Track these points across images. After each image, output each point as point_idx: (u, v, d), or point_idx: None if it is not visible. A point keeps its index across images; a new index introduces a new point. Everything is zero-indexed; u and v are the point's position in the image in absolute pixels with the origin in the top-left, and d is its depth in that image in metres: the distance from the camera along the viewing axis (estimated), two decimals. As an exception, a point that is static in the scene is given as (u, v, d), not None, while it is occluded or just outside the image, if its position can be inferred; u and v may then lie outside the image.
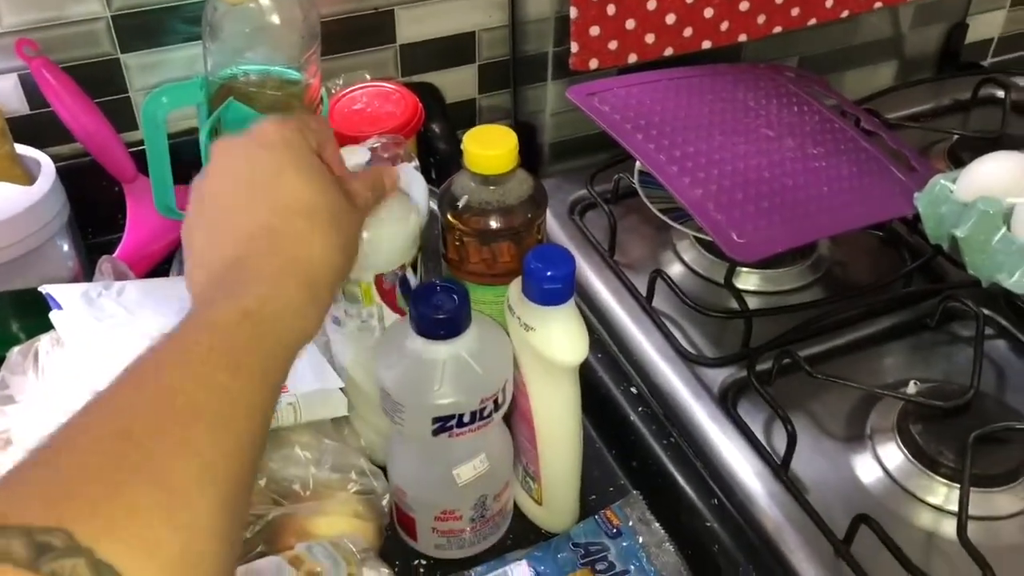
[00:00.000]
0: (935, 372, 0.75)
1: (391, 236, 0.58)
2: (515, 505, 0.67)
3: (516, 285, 0.58)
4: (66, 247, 0.81)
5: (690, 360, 0.75)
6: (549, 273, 0.54)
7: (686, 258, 0.85)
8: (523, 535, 0.66)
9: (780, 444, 0.67)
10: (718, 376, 0.74)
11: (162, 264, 0.85)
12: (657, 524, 0.64)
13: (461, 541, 0.63)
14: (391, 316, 0.61)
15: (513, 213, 0.60)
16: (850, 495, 0.66)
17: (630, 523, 0.64)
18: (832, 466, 0.68)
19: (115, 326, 0.61)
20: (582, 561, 0.62)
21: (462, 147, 0.60)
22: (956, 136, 0.96)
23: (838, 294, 0.81)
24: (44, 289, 0.64)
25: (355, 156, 0.58)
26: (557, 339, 0.56)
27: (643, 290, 0.80)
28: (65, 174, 0.81)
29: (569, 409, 0.60)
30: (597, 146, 0.90)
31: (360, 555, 0.58)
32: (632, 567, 0.61)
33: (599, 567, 0.61)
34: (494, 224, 0.60)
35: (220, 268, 0.47)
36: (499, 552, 0.64)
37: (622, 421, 0.72)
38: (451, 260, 0.63)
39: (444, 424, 0.57)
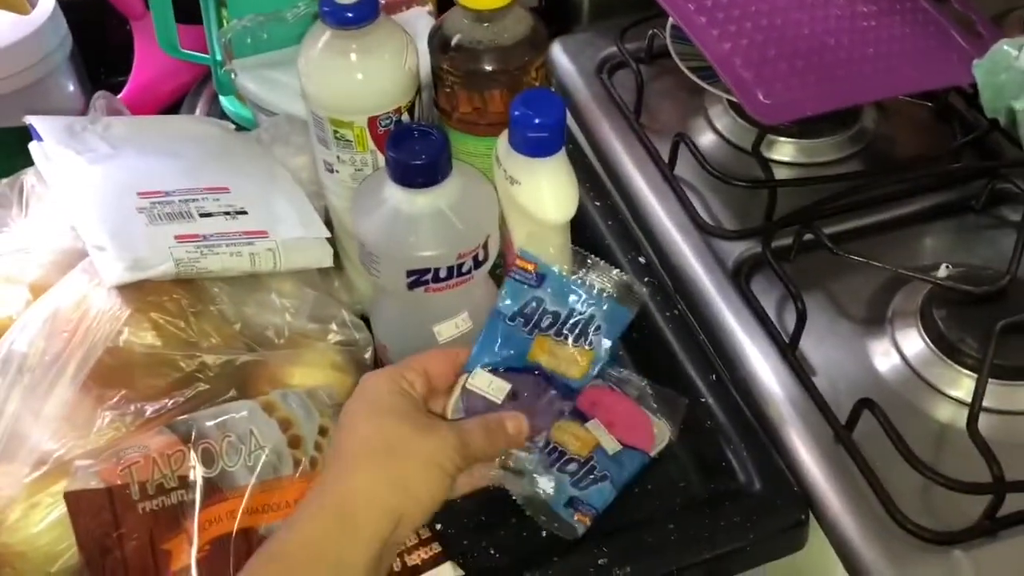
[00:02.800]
0: (974, 259, 0.69)
1: (384, 75, 0.54)
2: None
3: (505, 136, 0.53)
4: (71, 86, 0.79)
5: (706, 231, 0.70)
6: (536, 120, 0.50)
7: (718, 125, 0.79)
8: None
9: (791, 323, 0.62)
10: (735, 249, 0.69)
11: (172, 107, 0.83)
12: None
13: (444, 400, 0.61)
14: (385, 164, 0.58)
15: (507, 54, 0.55)
16: (862, 382, 0.62)
17: (542, 259, 0.55)
18: (846, 350, 0.64)
19: (95, 160, 0.59)
20: (528, 330, 0.55)
21: (453, -21, 0.55)
22: (1038, 2, 0.86)
23: (877, 169, 0.74)
24: (28, 119, 0.62)
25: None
26: (544, 194, 0.52)
27: (666, 156, 0.75)
28: (72, 10, 0.78)
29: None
30: (644, 5, 0.83)
31: (334, 408, 0.57)
32: (575, 305, 0.55)
33: (544, 325, 0.54)
34: (486, 66, 0.55)
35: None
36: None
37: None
38: (442, 109, 0.59)
39: (419, 278, 0.54)
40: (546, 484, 0.54)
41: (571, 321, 0.55)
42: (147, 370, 0.54)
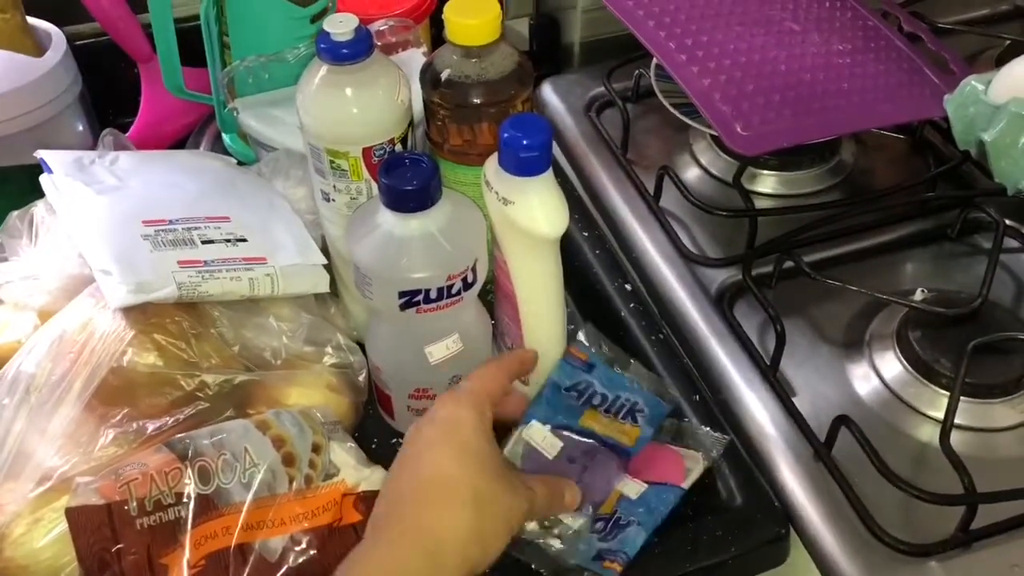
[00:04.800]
0: (950, 284, 0.71)
1: (379, 107, 0.57)
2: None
3: (493, 160, 0.56)
4: (80, 126, 0.82)
5: (690, 259, 0.73)
6: (525, 142, 0.53)
7: (702, 160, 0.82)
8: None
9: (772, 346, 0.64)
10: (717, 277, 0.72)
11: (176, 146, 0.86)
12: (612, 343, 0.63)
13: (437, 422, 0.63)
14: (379, 193, 0.60)
15: (495, 88, 0.59)
16: (841, 403, 0.64)
17: (593, 351, 0.62)
18: (826, 372, 0.66)
19: (102, 191, 0.62)
20: (581, 403, 0.60)
21: (443, 16, 0.58)
22: (1008, 42, 0.89)
23: (856, 199, 0.77)
24: (38, 154, 0.65)
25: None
26: (536, 211, 0.55)
27: (651, 189, 0.77)
28: (84, 53, 0.82)
29: (551, 284, 0.59)
30: (632, 47, 0.86)
31: (327, 427, 0.59)
32: (621, 391, 0.60)
33: (595, 402, 0.60)
34: (474, 99, 0.58)
35: (370, 530, 0.50)
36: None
37: (614, 317, 0.70)
38: (434, 141, 0.62)
39: (411, 299, 0.56)
40: (578, 546, 0.56)
41: (618, 403, 0.60)
42: (149, 389, 0.56)
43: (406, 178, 0.54)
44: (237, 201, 0.65)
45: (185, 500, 0.54)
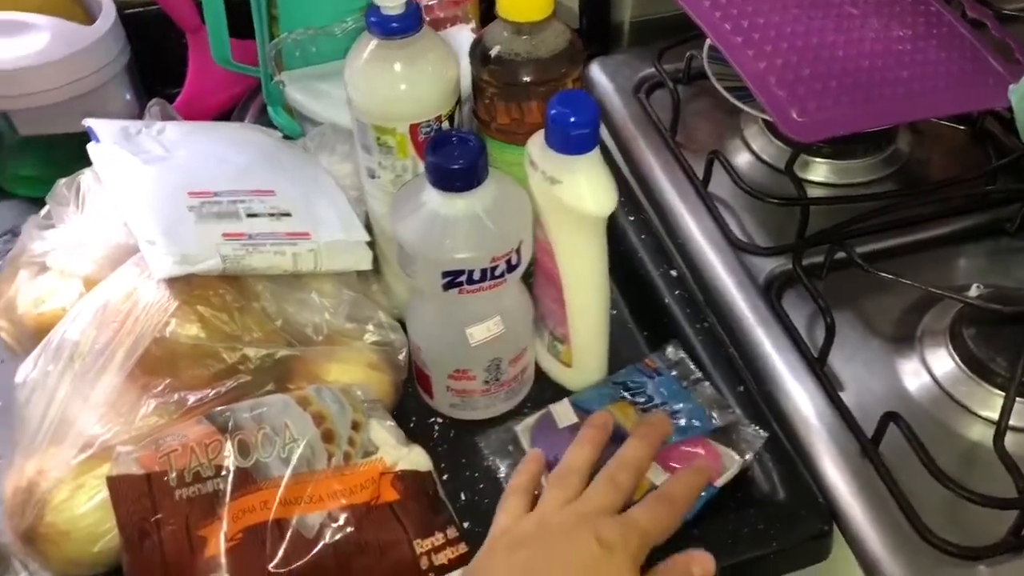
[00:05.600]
0: (1007, 281, 0.69)
1: (427, 84, 0.56)
2: (538, 374, 0.66)
3: (537, 139, 0.55)
4: (128, 96, 0.82)
5: (739, 248, 0.71)
6: (574, 119, 0.52)
7: (754, 145, 0.80)
8: (543, 404, 0.65)
9: (821, 339, 0.63)
10: (766, 266, 0.70)
11: (222, 118, 0.86)
12: (694, 366, 0.64)
13: (475, 403, 0.63)
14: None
15: (545, 66, 0.57)
16: (890, 399, 0.62)
17: (667, 366, 0.64)
18: (875, 367, 0.64)
19: (148, 161, 0.62)
20: (621, 394, 0.62)
21: (495, -8, 0.57)
22: (1078, 31, 0.86)
23: (911, 190, 0.75)
24: (86, 122, 0.65)
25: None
26: (584, 189, 0.54)
27: (701, 173, 0.76)
28: (132, 22, 0.82)
29: (597, 264, 0.58)
30: (683, 28, 0.85)
31: (367, 405, 0.58)
32: (669, 400, 0.61)
33: (638, 400, 0.61)
34: (524, 77, 0.57)
35: None
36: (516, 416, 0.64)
37: (658, 304, 0.69)
38: (482, 120, 0.61)
39: (454, 279, 0.55)
40: None
41: (663, 408, 0.61)
42: (191, 361, 0.56)
43: (453, 157, 0.53)
44: (282, 175, 0.65)
45: (224, 473, 0.54)
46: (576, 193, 0.54)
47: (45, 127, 0.79)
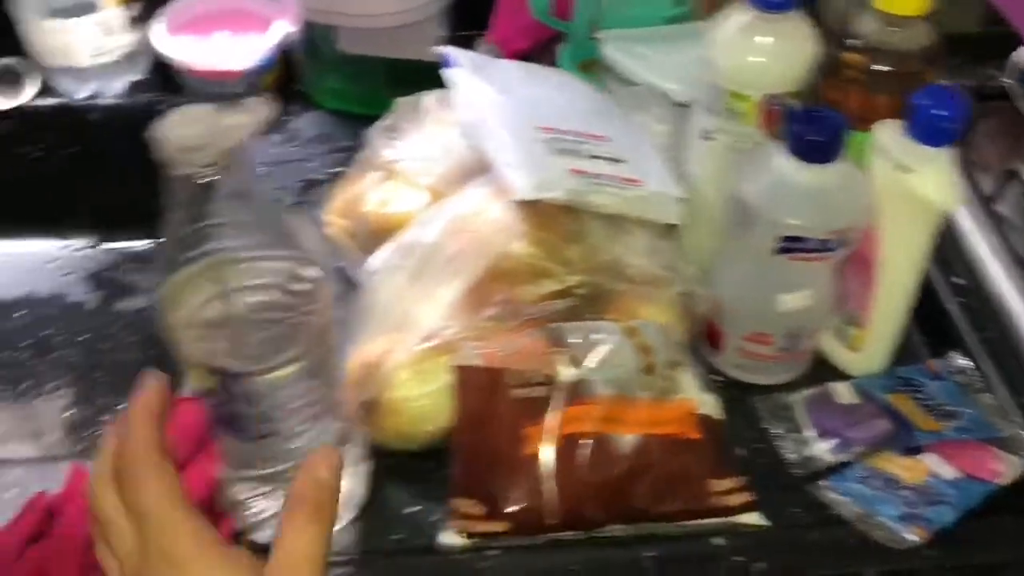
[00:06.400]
0: None
1: (791, 58, 0.60)
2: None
3: (888, 127, 0.58)
4: (442, 33, 0.88)
5: (1024, 267, 0.72)
6: (946, 112, 0.54)
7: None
8: (816, 383, 0.68)
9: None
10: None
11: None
12: (978, 374, 0.65)
13: (761, 367, 0.66)
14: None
15: (906, 60, 0.60)
16: None
17: (948, 372, 0.66)
18: None
19: (500, 92, 0.67)
20: (900, 387, 0.64)
21: (876, -18, 0.59)
22: None
23: None
24: (441, 49, 0.71)
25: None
26: (937, 181, 0.56)
27: (990, 191, 0.77)
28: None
29: (919, 257, 0.60)
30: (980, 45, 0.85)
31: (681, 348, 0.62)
32: (950, 402, 0.63)
33: (916, 396, 0.63)
34: (885, 67, 0.60)
35: None
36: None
37: (939, 309, 0.71)
38: (830, 100, 0.64)
39: (790, 244, 0.59)
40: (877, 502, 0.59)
41: (942, 409, 0.63)
42: (529, 278, 0.61)
43: (817, 129, 0.57)
44: (611, 125, 0.69)
45: (553, 383, 0.59)
46: (927, 184, 0.56)
47: (364, 47, 0.85)
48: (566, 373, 0.59)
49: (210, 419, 0.52)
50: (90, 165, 0.90)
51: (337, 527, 0.58)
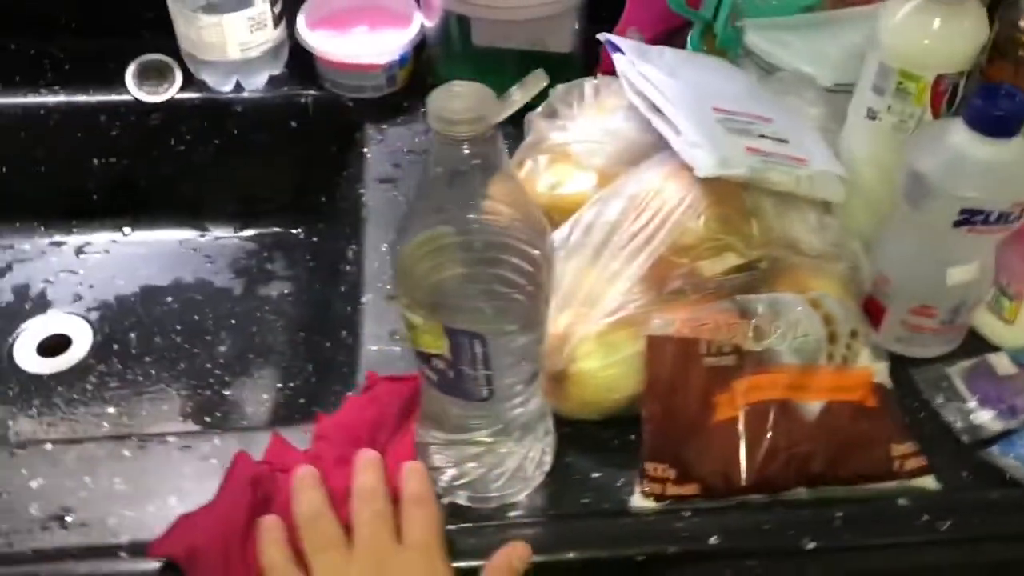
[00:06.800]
0: None
1: (967, 39, 0.62)
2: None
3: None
4: (576, 26, 0.91)
5: None
6: None
7: None
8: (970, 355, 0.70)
9: None
10: None
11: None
12: None
13: (922, 339, 0.68)
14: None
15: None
16: None
17: None
18: None
19: (670, 75, 0.70)
20: None
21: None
22: None
23: None
24: (604, 36, 0.74)
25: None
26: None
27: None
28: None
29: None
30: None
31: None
32: None
33: None
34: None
35: None
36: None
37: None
38: (994, 79, 0.66)
39: (970, 217, 0.61)
40: None
41: None
42: (711, 252, 0.63)
43: (1002, 105, 0.59)
44: (771, 106, 0.72)
45: (741, 352, 0.61)
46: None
47: (496, 40, 0.88)
48: (754, 342, 0.61)
49: (433, 382, 0.55)
50: (233, 157, 0.94)
51: (527, 490, 0.61)
